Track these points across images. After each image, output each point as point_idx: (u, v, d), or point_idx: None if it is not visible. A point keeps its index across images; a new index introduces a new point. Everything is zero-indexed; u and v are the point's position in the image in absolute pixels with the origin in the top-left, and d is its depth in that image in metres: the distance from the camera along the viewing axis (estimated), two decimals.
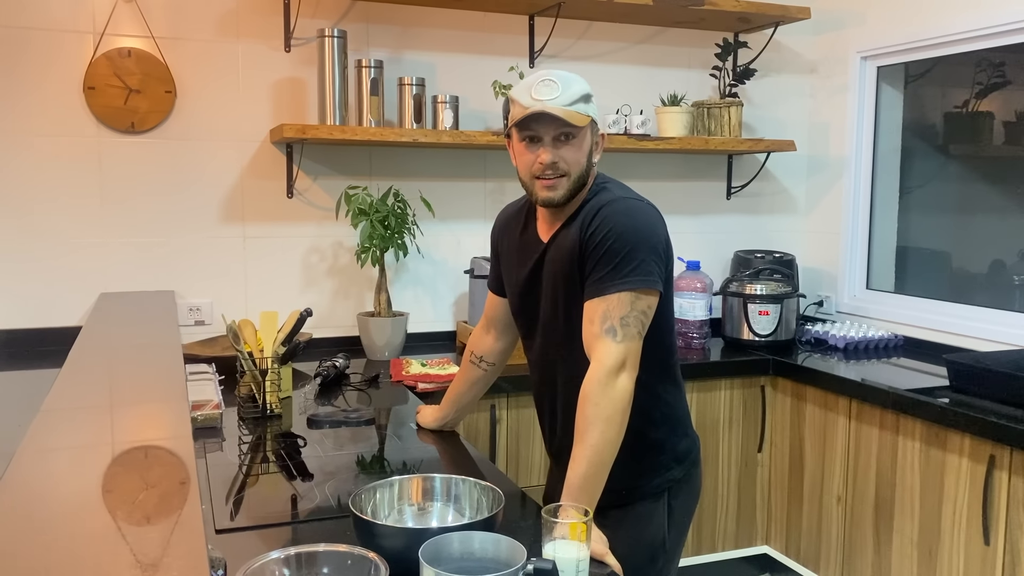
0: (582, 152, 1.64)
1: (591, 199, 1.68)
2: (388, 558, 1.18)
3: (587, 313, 1.59)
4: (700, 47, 3.52)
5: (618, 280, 1.57)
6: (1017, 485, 2.21)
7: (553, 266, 1.71)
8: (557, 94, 1.59)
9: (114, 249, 2.84)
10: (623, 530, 1.68)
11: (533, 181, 1.65)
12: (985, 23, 2.92)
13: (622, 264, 1.57)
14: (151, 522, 0.93)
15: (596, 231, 1.60)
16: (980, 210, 3.15)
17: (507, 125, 1.71)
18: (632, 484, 1.72)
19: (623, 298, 1.56)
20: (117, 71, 2.76)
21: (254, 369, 2.23)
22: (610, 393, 1.52)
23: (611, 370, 1.53)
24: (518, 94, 1.63)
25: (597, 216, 1.62)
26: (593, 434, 1.52)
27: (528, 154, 1.64)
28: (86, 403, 1.43)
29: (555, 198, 1.64)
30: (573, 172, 1.63)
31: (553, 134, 1.61)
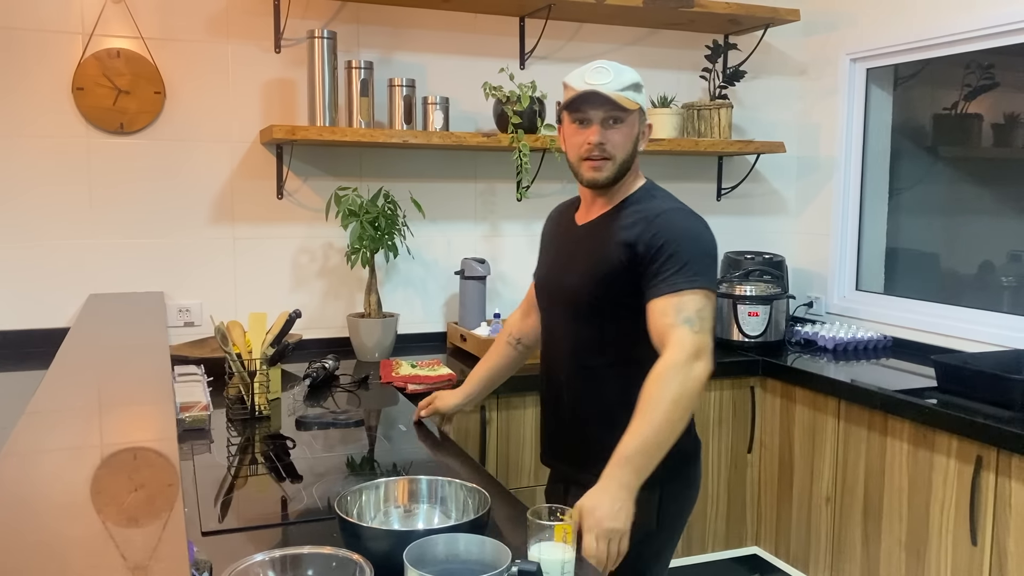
0: (629, 138, 1.72)
1: (643, 200, 1.76)
2: (373, 560, 1.18)
3: (657, 308, 1.64)
4: (690, 49, 3.53)
5: (689, 279, 1.64)
6: (1004, 485, 2.22)
7: (588, 248, 1.77)
8: (609, 79, 1.69)
9: (103, 250, 2.83)
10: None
11: (580, 162, 1.73)
12: (974, 25, 2.94)
13: (691, 266, 1.65)
14: (138, 524, 0.92)
15: (660, 233, 1.67)
16: (969, 211, 3.16)
17: (559, 110, 1.80)
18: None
19: (696, 295, 1.63)
20: (106, 72, 2.75)
21: (243, 370, 2.23)
22: (683, 377, 1.57)
23: (689, 356, 1.58)
24: (572, 79, 1.73)
25: (660, 218, 1.70)
26: (657, 413, 1.55)
27: (577, 135, 1.72)
28: (71, 405, 1.42)
29: (599, 179, 1.72)
30: (619, 156, 1.71)
31: (602, 116, 1.69)
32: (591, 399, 1.80)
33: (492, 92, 3.04)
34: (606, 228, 1.76)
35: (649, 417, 1.55)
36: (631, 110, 1.70)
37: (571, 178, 3.37)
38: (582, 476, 1.79)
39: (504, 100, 3.01)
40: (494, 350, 2.12)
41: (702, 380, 1.60)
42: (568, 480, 1.88)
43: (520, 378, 2.71)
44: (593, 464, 1.74)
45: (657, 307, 1.65)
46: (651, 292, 1.66)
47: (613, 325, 1.74)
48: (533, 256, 3.35)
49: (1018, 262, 2.95)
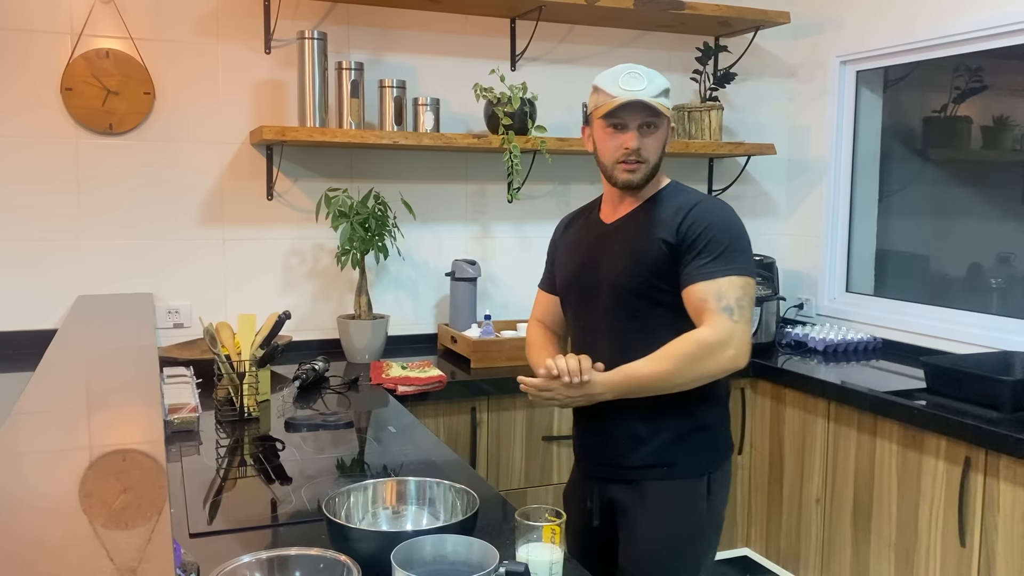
0: (661, 142, 1.79)
1: (675, 194, 1.82)
2: (361, 561, 1.18)
3: (696, 294, 1.69)
4: (681, 51, 3.53)
5: (727, 266, 1.69)
6: (992, 487, 2.23)
7: (626, 239, 1.80)
8: (644, 85, 1.73)
9: (92, 251, 2.82)
10: (665, 505, 1.77)
11: (615, 165, 1.78)
12: (963, 28, 2.95)
13: (728, 252, 1.70)
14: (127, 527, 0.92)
15: (697, 222, 1.72)
16: (958, 214, 3.18)
17: (589, 112, 1.83)
18: (676, 460, 1.78)
19: (734, 281, 1.69)
20: (95, 72, 2.74)
21: (232, 372, 2.22)
22: (706, 353, 1.66)
23: (721, 341, 1.65)
24: (605, 84, 1.76)
25: (695, 210, 1.75)
26: (666, 364, 1.67)
27: (613, 139, 1.77)
28: (59, 406, 1.42)
29: (634, 180, 1.78)
30: (652, 159, 1.78)
31: (639, 123, 1.75)
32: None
33: (483, 93, 3.04)
34: (640, 222, 1.80)
35: (655, 363, 1.68)
36: (665, 116, 1.76)
37: (562, 179, 3.39)
38: (628, 472, 1.81)
39: (495, 101, 3.01)
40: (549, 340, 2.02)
41: (726, 367, 1.67)
42: (606, 479, 1.85)
43: (510, 380, 2.72)
44: (642, 457, 1.79)
45: (696, 293, 1.69)
46: (689, 278, 1.70)
47: (656, 317, 1.76)
48: (524, 257, 3.36)
49: (1006, 264, 2.96)
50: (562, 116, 3.37)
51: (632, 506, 1.81)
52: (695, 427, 1.79)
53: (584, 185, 3.44)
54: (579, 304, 1.90)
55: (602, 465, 1.86)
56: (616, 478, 1.83)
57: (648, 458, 1.78)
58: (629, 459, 1.80)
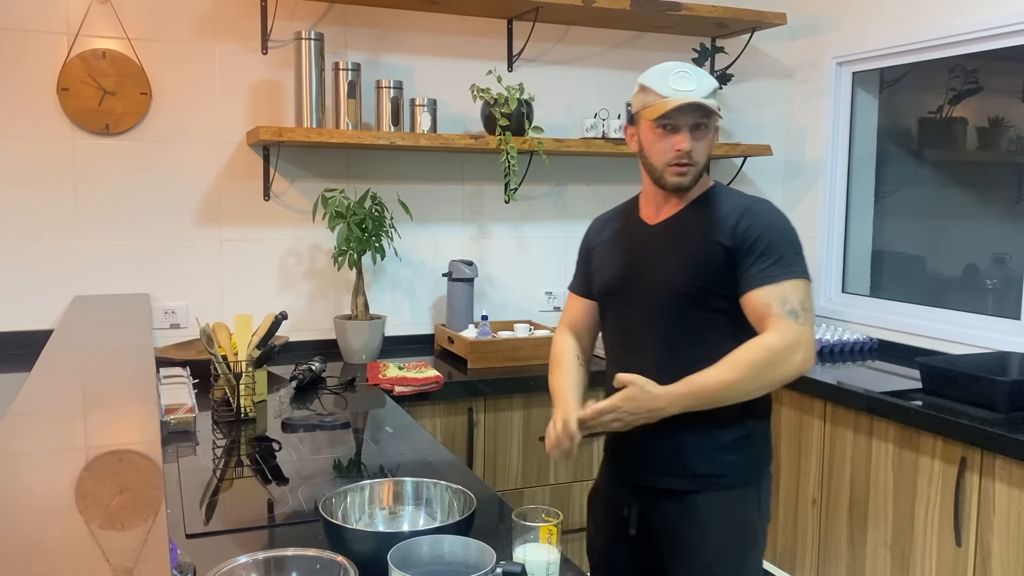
0: (710, 143, 1.76)
1: (722, 196, 1.78)
2: (358, 562, 1.18)
3: (759, 298, 1.66)
4: (677, 52, 3.54)
5: (788, 269, 1.67)
6: (988, 487, 2.23)
7: (676, 241, 1.76)
8: (695, 85, 1.69)
9: (88, 252, 2.82)
10: (720, 515, 1.72)
11: (666, 168, 1.73)
12: (959, 30, 2.96)
13: (787, 256, 1.67)
14: (123, 528, 0.92)
15: (754, 225, 1.69)
16: (954, 215, 3.18)
17: (634, 112, 1.78)
18: (728, 471, 1.73)
19: (796, 285, 1.66)
20: (92, 72, 2.74)
21: (228, 373, 2.22)
22: (776, 360, 1.62)
23: (790, 345, 1.62)
24: (654, 83, 1.70)
25: (751, 212, 1.72)
26: (733, 373, 1.62)
27: (663, 141, 1.72)
28: (55, 407, 1.42)
29: (684, 183, 1.74)
30: (701, 161, 1.74)
31: (691, 124, 1.70)
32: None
33: (480, 94, 3.04)
34: (691, 223, 1.76)
35: (724, 372, 1.62)
36: (715, 116, 1.73)
37: (559, 180, 3.39)
38: (679, 482, 1.74)
39: (492, 102, 3.01)
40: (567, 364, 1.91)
41: (795, 371, 1.64)
42: (647, 487, 1.78)
43: (507, 380, 2.72)
44: (694, 467, 1.73)
45: (759, 297, 1.66)
46: (750, 283, 1.67)
47: (708, 320, 1.72)
48: (521, 258, 3.36)
49: (1002, 265, 2.97)
50: (559, 117, 3.37)
51: (680, 520, 1.74)
52: (743, 435, 1.74)
53: (581, 186, 3.44)
54: (623, 308, 1.83)
55: (647, 473, 1.77)
56: (662, 487, 1.76)
57: (699, 467, 1.72)
58: (676, 471, 1.73)
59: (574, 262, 2.02)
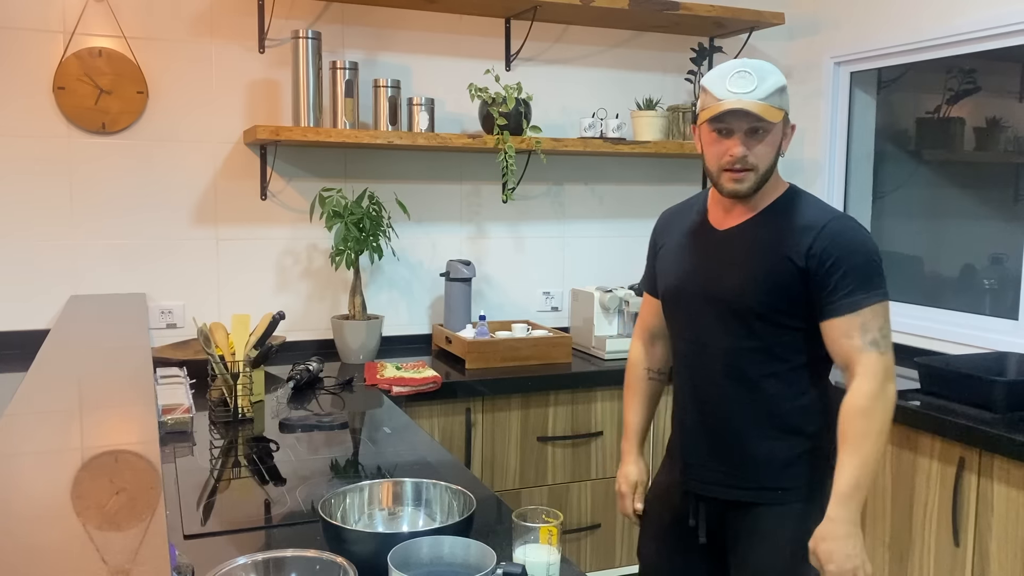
0: (772, 147, 1.65)
1: (797, 206, 1.69)
2: (357, 563, 1.17)
3: (839, 328, 1.61)
4: (675, 51, 3.54)
5: (869, 294, 1.60)
6: (986, 487, 2.23)
7: (745, 252, 1.69)
8: (753, 87, 1.59)
9: (84, 251, 2.81)
10: (782, 530, 1.69)
11: (721, 173, 1.66)
12: (956, 30, 2.96)
13: (867, 279, 1.61)
14: (119, 528, 0.91)
15: (831, 246, 1.62)
16: (952, 215, 3.19)
17: (696, 114, 1.71)
18: (791, 485, 1.71)
19: (876, 310, 1.61)
20: (88, 71, 2.72)
21: (226, 373, 2.21)
22: (882, 405, 1.59)
23: (883, 382, 1.59)
24: (712, 84, 1.63)
25: (828, 230, 1.63)
26: (867, 446, 1.58)
27: (717, 145, 1.65)
28: (51, 407, 1.41)
29: (741, 190, 1.65)
30: (761, 167, 1.64)
31: (746, 128, 1.62)
32: (747, 409, 1.70)
33: (478, 93, 3.03)
34: (761, 234, 1.68)
35: (862, 452, 1.58)
36: (775, 121, 1.61)
37: (556, 179, 3.38)
38: (742, 493, 1.72)
39: (490, 101, 3.01)
40: (637, 391, 1.96)
41: (895, 402, 1.61)
42: (710, 498, 1.77)
43: (505, 380, 2.72)
44: (759, 479, 1.71)
45: (839, 327, 1.61)
46: (830, 311, 1.61)
47: (776, 335, 1.67)
48: (519, 257, 3.36)
49: (1000, 265, 2.97)
50: (557, 116, 3.37)
51: (742, 532, 1.73)
52: (809, 447, 1.71)
53: (578, 185, 3.44)
54: (685, 316, 1.77)
55: (712, 484, 1.75)
56: (727, 499, 1.74)
57: (765, 481, 1.70)
58: (743, 481, 1.72)
59: (572, 262, 2.01)
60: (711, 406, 1.74)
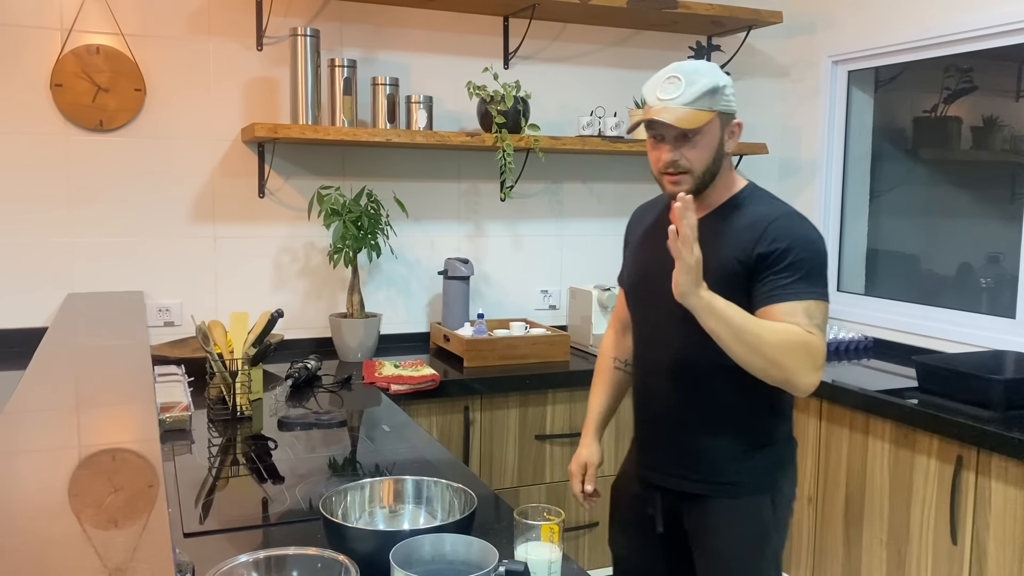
0: (707, 149, 1.67)
1: (752, 202, 1.73)
2: (359, 561, 1.17)
3: (783, 310, 1.61)
4: (674, 50, 3.54)
5: (812, 287, 1.62)
6: (984, 485, 2.24)
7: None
8: (679, 93, 1.62)
9: (82, 249, 2.80)
10: (734, 524, 1.72)
11: (661, 176, 1.71)
12: (953, 29, 2.97)
13: (813, 274, 1.63)
14: (118, 526, 0.91)
15: (780, 238, 1.64)
16: (949, 214, 3.19)
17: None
18: (743, 479, 1.73)
19: (820, 305, 1.63)
20: (85, 68, 2.72)
21: (224, 371, 2.20)
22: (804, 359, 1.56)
23: (817, 358, 1.58)
24: (646, 91, 1.68)
25: (777, 224, 1.66)
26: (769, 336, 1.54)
27: (654, 151, 1.71)
28: (49, 405, 1.40)
29: (679, 192, 1.67)
30: (696, 169, 1.68)
31: (675, 134, 1.66)
32: (696, 403, 1.74)
33: (476, 91, 3.03)
34: (713, 230, 1.71)
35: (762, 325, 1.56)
36: (701, 126, 1.64)
37: (554, 178, 3.39)
38: (694, 485, 1.75)
39: (488, 100, 3.00)
40: (603, 379, 2.02)
41: (804, 383, 1.58)
42: (670, 489, 1.80)
43: (503, 378, 2.71)
44: (709, 472, 1.73)
45: (781, 310, 1.61)
46: (772, 296, 1.62)
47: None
48: (517, 256, 3.36)
49: (996, 264, 2.98)
50: (555, 114, 3.36)
51: (698, 521, 1.76)
52: (761, 443, 1.74)
53: (577, 184, 3.43)
54: (643, 310, 1.83)
55: (666, 475, 1.79)
56: (681, 490, 1.77)
57: (713, 475, 1.73)
58: (693, 473, 1.75)
59: (570, 260, 2.03)
60: (664, 399, 1.79)
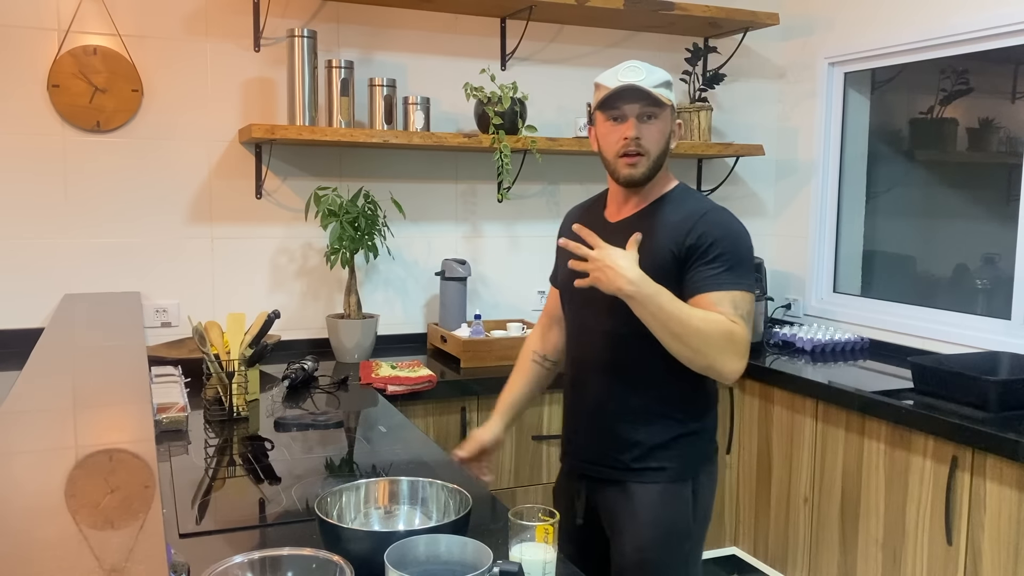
0: (663, 134, 1.75)
1: (682, 199, 1.78)
2: (354, 562, 1.17)
3: (709, 300, 1.66)
4: (670, 52, 3.54)
5: (739, 279, 1.68)
6: (979, 486, 2.24)
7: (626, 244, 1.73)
8: (643, 76, 1.70)
9: (79, 250, 2.80)
10: (652, 509, 1.76)
11: (616, 160, 1.75)
12: (950, 31, 2.97)
13: (740, 266, 1.69)
14: (113, 527, 0.91)
15: (708, 231, 1.69)
16: (944, 215, 3.20)
17: (591, 110, 1.81)
18: (663, 466, 1.77)
19: (746, 296, 1.68)
20: (82, 69, 2.72)
21: (220, 371, 2.21)
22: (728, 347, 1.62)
23: (740, 348, 1.63)
24: (604, 79, 1.73)
25: (707, 218, 1.72)
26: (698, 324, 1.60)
27: (613, 132, 1.74)
28: (45, 406, 1.40)
29: (636, 175, 1.74)
30: (653, 152, 1.74)
31: (637, 112, 1.71)
32: (626, 397, 1.78)
33: (473, 93, 3.03)
34: (647, 223, 1.76)
35: (692, 315, 1.61)
36: (665, 106, 1.72)
37: (551, 179, 3.39)
38: (615, 473, 1.80)
39: (485, 101, 3.01)
40: (520, 370, 2.08)
41: (729, 370, 1.64)
42: (593, 478, 1.85)
43: (500, 379, 2.71)
44: (629, 459, 1.78)
45: (709, 300, 1.66)
46: (701, 286, 1.67)
47: None
48: (514, 257, 3.36)
49: (992, 265, 2.98)
50: (552, 116, 3.37)
51: (619, 508, 1.80)
52: (684, 432, 1.78)
53: (574, 185, 3.44)
54: (577, 303, 1.87)
55: (589, 464, 1.85)
56: (603, 478, 1.83)
57: (636, 461, 1.78)
58: (617, 461, 1.80)
59: None
60: (594, 391, 1.83)
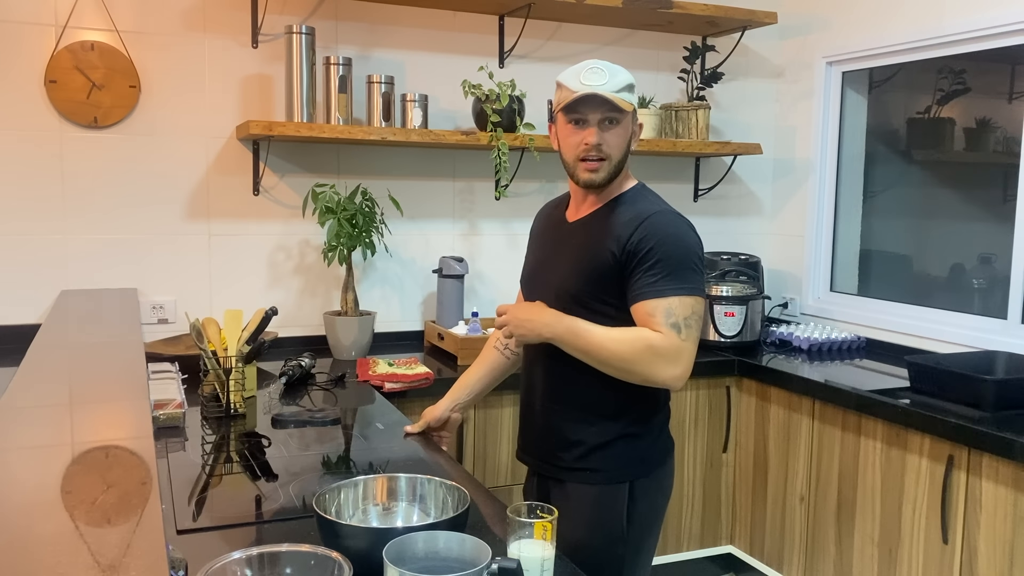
0: (624, 138, 1.74)
1: (635, 200, 1.78)
2: (352, 558, 1.17)
3: (645, 309, 1.66)
4: (668, 50, 3.54)
5: (677, 284, 1.66)
6: (974, 485, 2.25)
7: (579, 243, 1.78)
8: (605, 80, 1.69)
9: (76, 246, 2.79)
10: (585, 510, 1.78)
11: (577, 163, 1.74)
12: (947, 31, 2.98)
13: (678, 271, 1.67)
14: (111, 523, 0.91)
15: (648, 236, 1.69)
16: (941, 214, 3.21)
17: (552, 109, 1.81)
18: (600, 467, 1.79)
19: (684, 301, 1.66)
20: (80, 65, 2.71)
21: (218, 368, 2.20)
22: (651, 360, 1.64)
23: (670, 356, 1.63)
24: (566, 79, 1.72)
25: (648, 222, 1.70)
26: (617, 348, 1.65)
27: (574, 136, 1.73)
28: (42, 402, 1.40)
29: (596, 180, 1.74)
30: (614, 156, 1.73)
31: (599, 118, 1.70)
32: (568, 395, 1.80)
33: (471, 90, 3.03)
34: (596, 225, 1.77)
35: (608, 337, 1.66)
36: (627, 111, 1.71)
37: (549, 177, 3.39)
38: (557, 471, 1.83)
39: (483, 98, 3.01)
40: (481, 356, 2.10)
41: (663, 381, 1.66)
42: (543, 475, 1.89)
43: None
44: (569, 459, 1.80)
45: (645, 308, 1.67)
46: (639, 295, 1.68)
47: (591, 319, 1.73)
48: (511, 255, 3.36)
49: (988, 265, 2.99)
50: None
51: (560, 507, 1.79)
52: (624, 434, 1.78)
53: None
54: (528, 295, 1.90)
55: (540, 461, 1.88)
56: (550, 475, 1.86)
57: (576, 461, 1.79)
58: (559, 459, 1.82)
59: None
60: (541, 388, 1.85)
